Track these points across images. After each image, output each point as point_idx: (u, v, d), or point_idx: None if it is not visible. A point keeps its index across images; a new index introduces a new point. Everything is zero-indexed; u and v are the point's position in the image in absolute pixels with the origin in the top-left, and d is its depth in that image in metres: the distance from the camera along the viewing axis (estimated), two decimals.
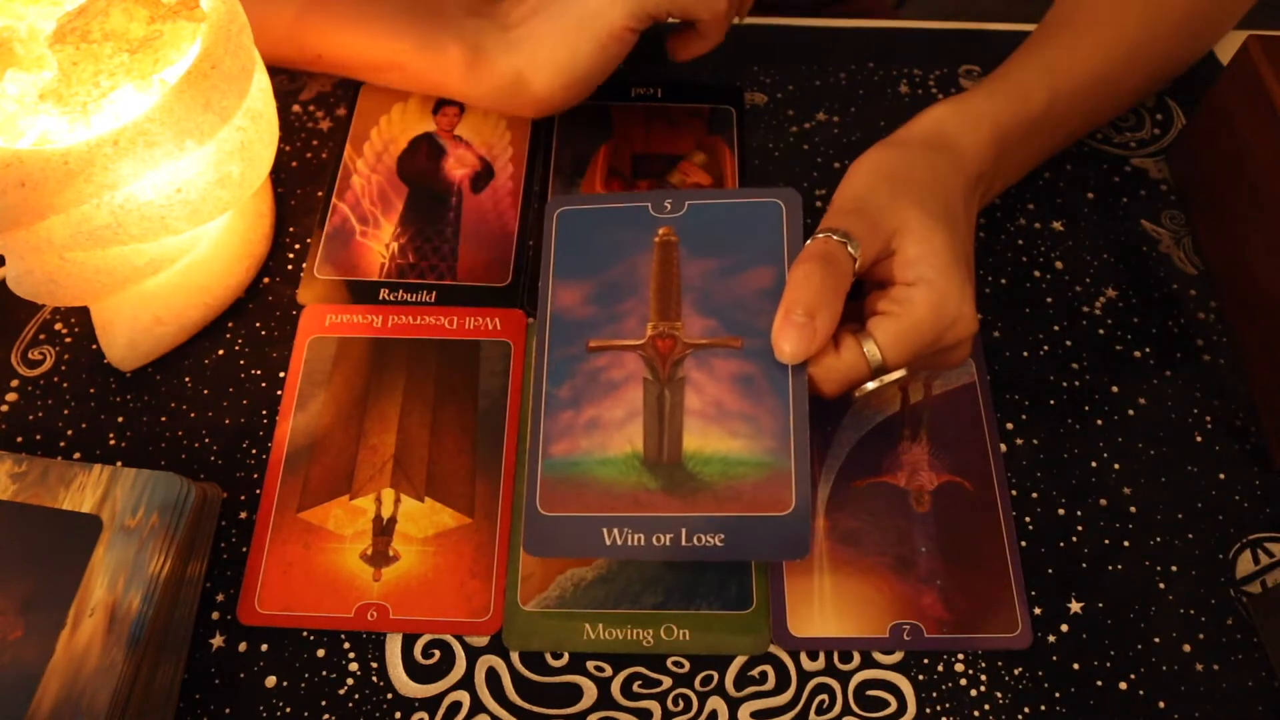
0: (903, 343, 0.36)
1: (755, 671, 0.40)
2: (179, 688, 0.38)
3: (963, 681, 0.39)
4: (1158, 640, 0.40)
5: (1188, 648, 0.40)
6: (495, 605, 0.40)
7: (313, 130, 0.53)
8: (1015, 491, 0.43)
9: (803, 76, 0.56)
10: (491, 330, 0.47)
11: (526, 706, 0.39)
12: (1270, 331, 0.45)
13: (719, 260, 0.40)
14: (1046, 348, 0.47)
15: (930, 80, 0.56)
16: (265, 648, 0.40)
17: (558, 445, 0.38)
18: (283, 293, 0.48)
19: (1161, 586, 0.41)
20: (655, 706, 0.39)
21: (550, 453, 0.37)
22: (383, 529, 0.42)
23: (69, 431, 0.44)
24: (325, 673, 0.39)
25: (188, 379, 0.46)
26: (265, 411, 0.45)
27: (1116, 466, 0.44)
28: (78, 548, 0.36)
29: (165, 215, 0.40)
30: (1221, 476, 0.44)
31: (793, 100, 0.55)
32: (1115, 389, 0.46)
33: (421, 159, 0.52)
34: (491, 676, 0.39)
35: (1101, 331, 0.48)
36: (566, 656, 0.40)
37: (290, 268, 0.49)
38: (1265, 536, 0.43)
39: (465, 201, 0.51)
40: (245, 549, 0.41)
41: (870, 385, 0.37)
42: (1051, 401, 0.46)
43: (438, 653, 0.40)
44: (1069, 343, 0.47)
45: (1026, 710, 0.39)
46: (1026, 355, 0.47)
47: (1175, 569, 0.42)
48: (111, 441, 0.44)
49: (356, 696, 0.39)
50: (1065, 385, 0.46)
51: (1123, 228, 0.51)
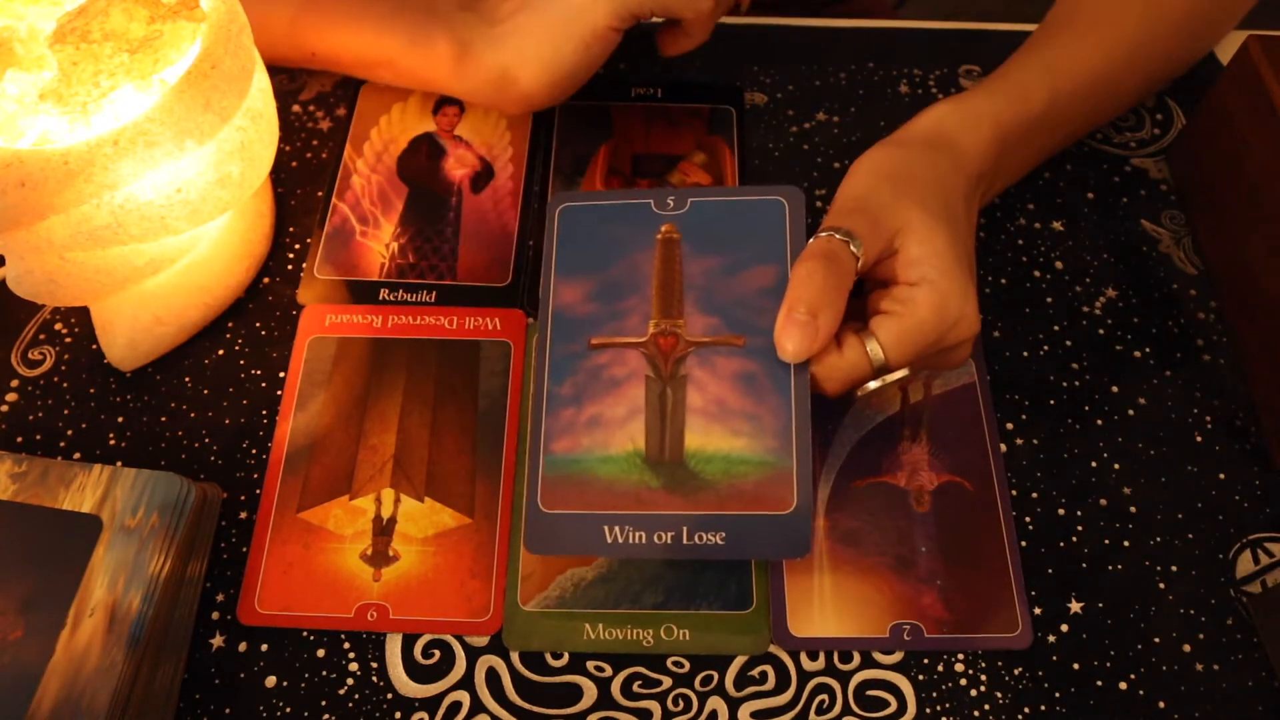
0: (905, 342, 0.36)
1: (755, 671, 0.40)
2: (179, 688, 0.38)
3: (963, 681, 0.39)
4: (1158, 640, 0.40)
5: (1188, 648, 0.40)
6: (495, 605, 0.40)
7: (313, 130, 0.53)
8: (1015, 491, 0.43)
9: (803, 76, 0.56)
10: (491, 330, 0.47)
11: (526, 706, 0.39)
12: (1270, 331, 0.45)
13: (721, 258, 0.39)
14: (1046, 348, 0.47)
15: (930, 80, 0.56)
16: (265, 648, 0.40)
17: (559, 442, 0.37)
18: (283, 293, 0.48)
19: (1161, 586, 0.41)
20: (655, 706, 0.39)
21: (552, 450, 0.37)
22: (383, 529, 0.42)
23: (69, 431, 0.44)
24: (325, 673, 0.39)
25: (188, 379, 0.46)
26: (265, 411, 0.45)
27: (1116, 466, 0.44)
28: (78, 548, 0.36)
29: (165, 215, 0.40)
30: (1221, 476, 0.44)
31: (793, 100, 0.55)
32: (1115, 389, 0.46)
33: (421, 159, 0.52)
34: (491, 676, 0.39)
35: (1101, 331, 0.48)
36: (566, 656, 0.40)
37: (290, 268, 0.49)
38: (1265, 536, 0.43)
39: (465, 201, 0.51)
40: (245, 549, 0.41)
41: (872, 384, 0.37)
42: (1051, 401, 0.46)
43: (438, 653, 0.40)
44: (1069, 343, 0.47)
45: (1026, 710, 0.39)
46: (1026, 355, 0.47)
47: (1175, 569, 0.42)
48: (111, 441, 0.44)
49: (356, 696, 0.39)
50: (1065, 385, 0.46)
51: (1123, 228, 0.51)
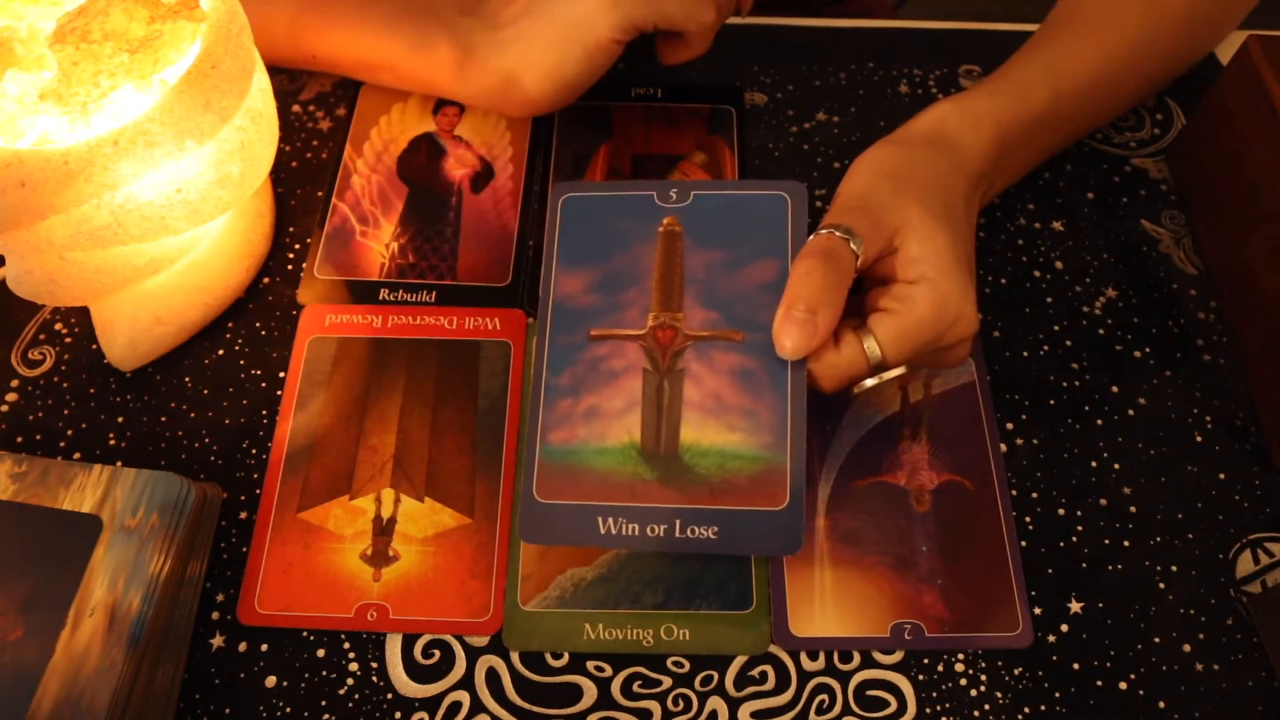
0: (903, 341, 0.36)
1: (755, 671, 0.40)
2: (179, 688, 0.38)
3: (963, 681, 0.39)
4: (1158, 640, 0.40)
5: (1188, 648, 0.40)
6: (495, 605, 0.40)
7: (313, 130, 0.53)
8: (1015, 491, 0.43)
9: (803, 76, 0.56)
10: (491, 330, 0.47)
11: (526, 706, 0.39)
12: (1270, 331, 0.44)
13: (723, 252, 0.39)
14: (1046, 348, 0.47)
15: (930, 80, 0.56)
16: (265, 648, 0.40)
17: (556, 433, 0.37)
18: (283, 293, 0.48)
19: (1161, 586, 0.41)
20: (655, 706, 0.39)
21: (548, 440, 0.37)
22: (383, 529, 0.42)
23: (69, 431, 0.44)
24: (325, 673, 0.39)
25: (188, 379, 0.46)
26: (265, 411, 0.45)
27: (1116, 466, 0.44)
28: (78, 548, 0.36)
29: (165, 215, 0.40)
30: (1221, 476, 0.44)
31: (793, 100, 0.55)
32: (1115, 389, 0.46)
33: (421, 159, 0.52)
34: (491, 676, 0.39)
35: (1101, 331, 0.48)
36: (566, 656, 0.40)
37: (290, 268, 0.49)
38: (1265, 536, 0.43)
39: (465, 201, 0.51)
40: (245, 549, 0.41)
41: (869, 382, 0.37)
42: (1051, 401, 0.46)
43: (438, 653, 0.40)
44: (1069, 343, 0.47)
45: (1026, 710, 0.39)
46: (1026, 355, 0.47)
47: (1175, 569, 0.42)
48: (111, 441, 0.44)
49: (356, 696, 0.39)
50: (1065, 385, 0.46)
51: (1123, 228, 0.51)
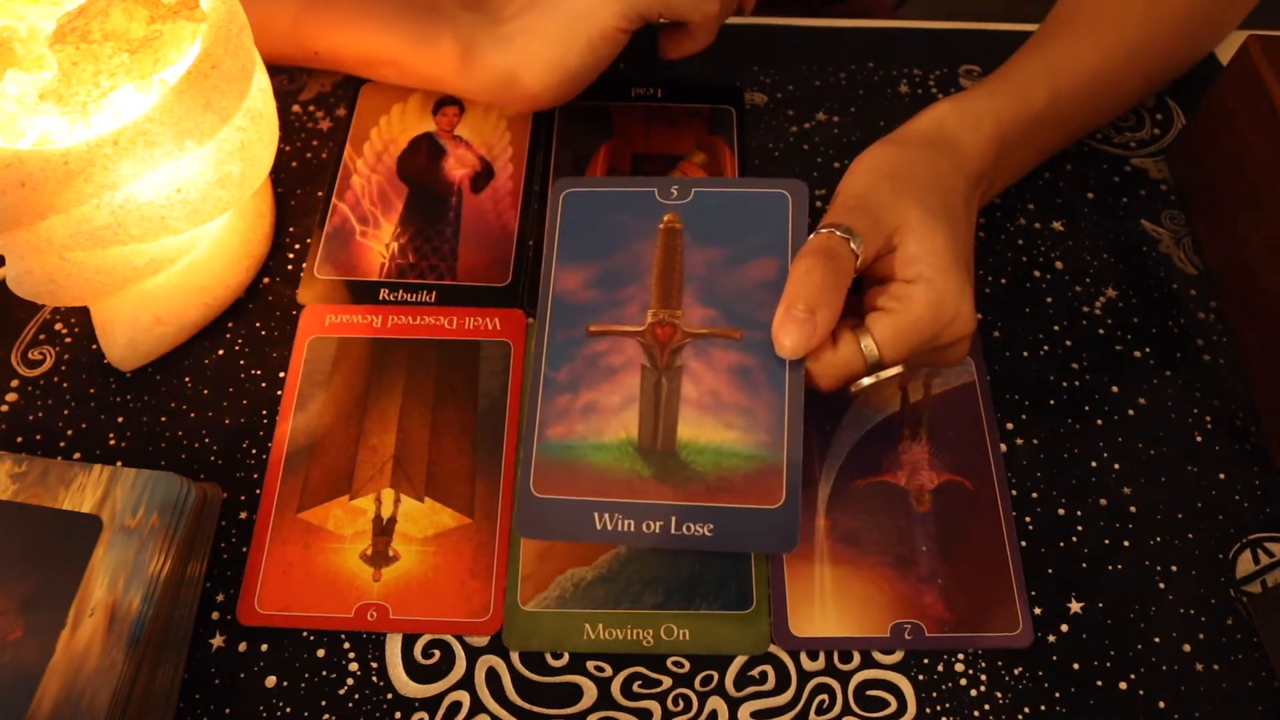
0: (900, 339, 0.36)
1: (755, 671, 0.40)
2: (179, 688, 0.38)
3: (963, 681, 0.39)
4: (1158, 640, 0.40)
5: (1188, 648, 0.40)
6: (495, 605, 0.40)
7: (313, 130, 0.53)
8: (1015, 491, 0.43)
9: (803, 76, 0.56)
10: (491, 330, 0.47)
11: (526, 706, 0.39)
12: (1270, 331, 0.44)
13: (723, 250, 0.39)
14: (1046, 348, 0.47)
15: (930, 80, 0.56)
16: (265, 648, 0.40)
17: (554, 428, 0.38)
18: (283, 293, 0.48)
19: (1161, 586, 0.41)
20: (655, 706, 0.39)
21: (546, 435, 0.37)
22: (382, 529, 0.42)
23: (69, 431, 0.44)
24: (325, 673, 0.39)
25: (188, 379, 0.46)
26: (265, 411, 0.45)
27: (1116, 466, 0.44)
28: (78, 548, 0.36)
29: (165, 215, 0.40)
30: (1221, 476, 0.44)
31: (793, 100, 0.55)
32: (1115, 389, 0.46)
33: (421, 159, 0.52)
34: (491, 676, 0.39)
35: (1101, 331, 0.48)
36: (566, 656, 0.40)
37: (290, 268, 0.49)
38: (1265, 536, 0.43)
39: (465, 201, 0.51)
40: (245, 549, 0.41)
41: (866, 381, 0.37)
42: (1051, 401, 0.46)
43: (438, 653, 0.40)
44: (1069, 343, 0.47)
45: (1026, 710, 0.39)
46: (1026, 355, 0.47)
47: (1175, 569, 0.42)
48: (111, 441, 0.44)
49: (356, 696, 0.39)
50: (1065, 385, 0.46)
51: (1123, 228, 0.51)
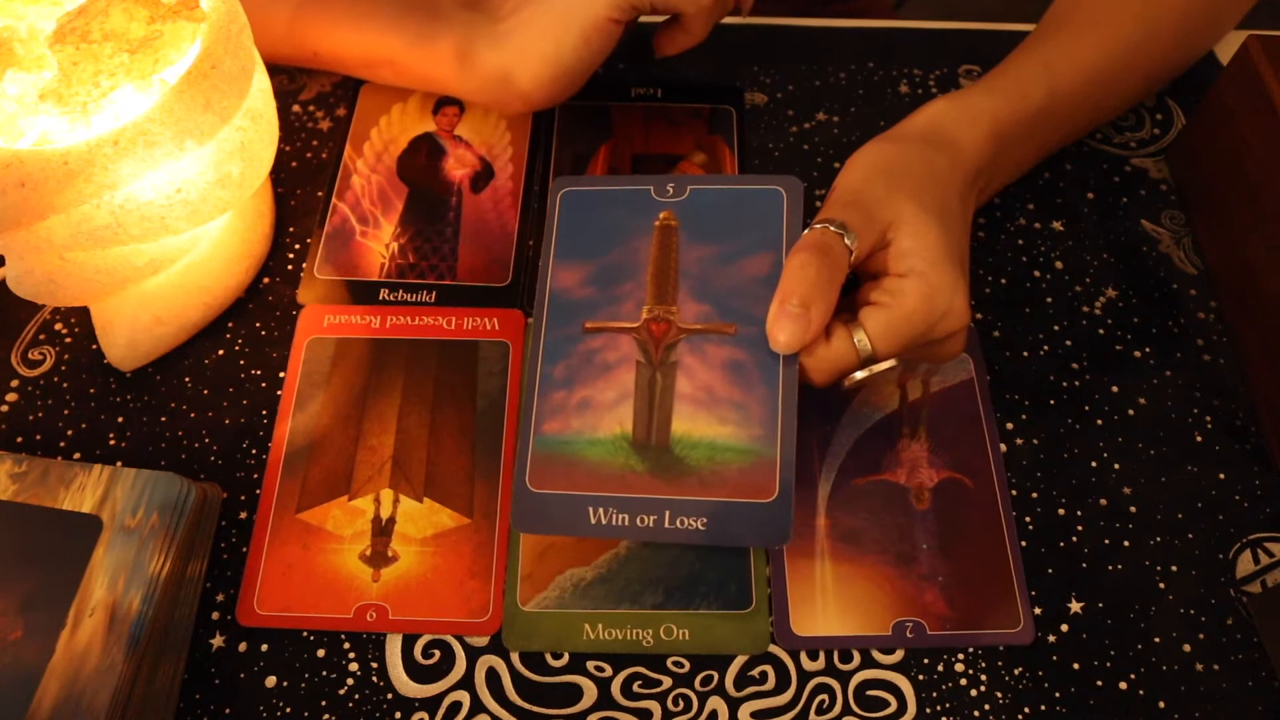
0: (892, 333, 0.36)
1: (755, 671, 0.39)
2: (179, 688, 0.38)
3: (963, 681, 0.39)
4: (1158, 640, 0.40)
5: (1188, 648, 0.40)
6: (494, 605, 0.40)
7: (313, 130, 0.53)
8: (1015, 491, 0.43)
9: (803, 76, 0.56)
10: (490, 330, 0.47)
11: (526, 706, 0.39)
12: (1270, 331, 0.44)
13: (718, 246, 0.40)
14: (1046, 348, 0.47)
15: (930, 80, 0.56)
16: (265, 648, 0.40)
17: (550, 424, 0.38)
18: (283, 293, 0.48)
19: (1161, 586, 0.41)
20: (655, 706, 0.39)
21: (542, 430, 0.38)
22: (381, 529, 0.42)
23: (69, 431, 0.44)
24: (325, 673, 0.39)
25: (188, 379, 0.46)
26: (265, 411, 0.45)
27: (1116, 466, 0.44)
28: (78, 548, 0.36)
29: (165, 215, 0.40)
30: (1221, 476, 0.44)
31: (793, 100, 0.55)
32: (1115, 389, 0.46)
33: (421, 159, 0.52)
34: (491, 676, 0.39)
35: (1101, 331, 0.48)
36: (566, 656, 0.40)
37: (290, 268, 0.49)
38: (1265, 536, 0.43)
39: (465, 201, 0.51)
40: (245, 549, 0.41)
41: (860, 375, 0.37)
42: (1051, 401, 0.46)
43: (438, 653, 0.40)
44: (1069, 343, 0.47)
45: (1027, 710, 0.39)
46: (1026, 355, 0.47)
47: (1175, 569, 0.42)
48: (111, 441, 0.44)
49: (356, 696, 0.39)
50: (1065, 385, 0.46)
51: (1123, 228, 0.51)
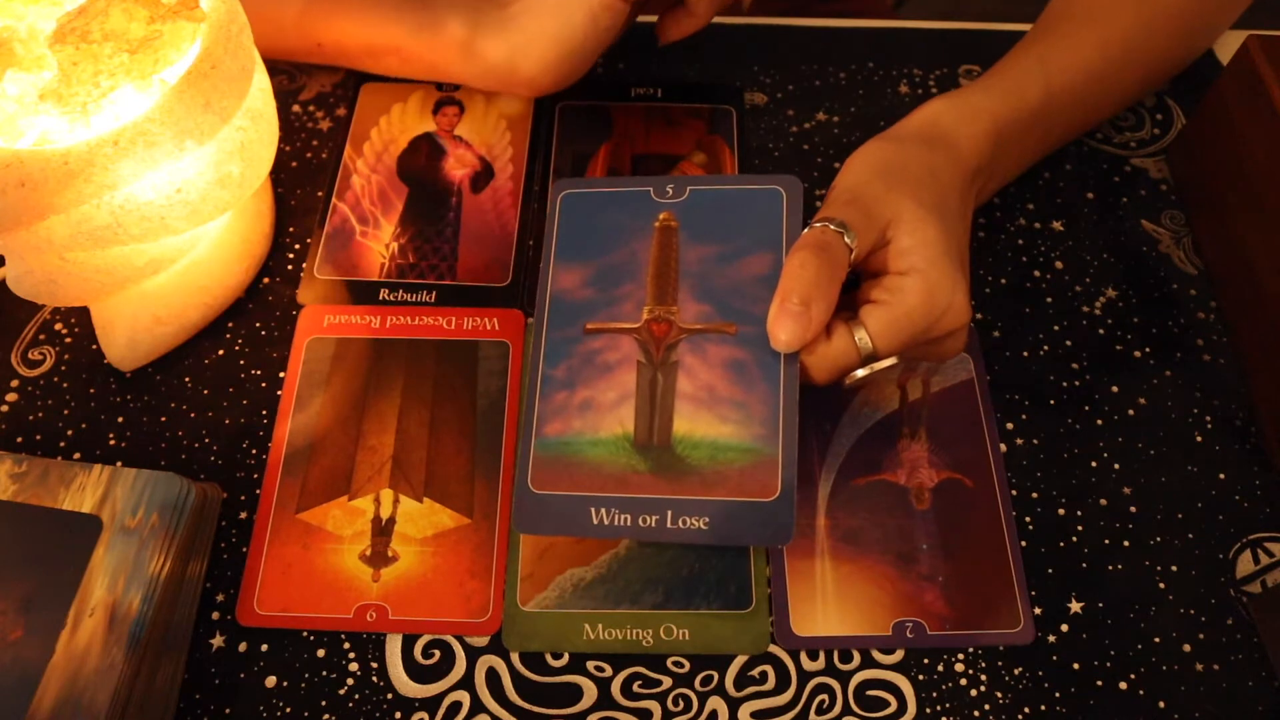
0: (893, 331, 0.36)
1: (755, 671, 0.39)
2: (179, 688, 0.38)
3: (963, 681, 0.39)
4: (1158, 640, 0.40)
5: (1188, 648, 0.40)
6: (494, 605, 0.40)
7: (313, 130, 0.53)
8: (1015, 491, 0.43)
9: (803, 76, 0.56)
10: (490, 330, 0.47)
11: (526, 706, 0.39)
12: (1270, 331, 0.44)
13: (718, 246, 0.40)
14: (1046, 348, 0.47)
15: (930, 80, 0.56)
16: (265, 648, 0.40)
17: (551, 425, 0.38)
18: (283, 293, 0.48)
19: (1161, 586, 0.41)
20: (655, 706, 0.39)
21: (544, 432, 0.38)
22: (381, 529, 0.42)
23: (69, 431, 0.44)
24: (325, 673, 0.39)
25: (188, 379, 0.46)
26: (265, 412, 0.45)
27: (1116, 466, 0.44)
28: (78, 548, 0.36)
29: (165, 215, 0.40)
30: (1221, 476, 0.44)
31: (793, 100, 0.55)
32: (1115, 389, 0.46)
33: (421, 159, 0.52)
34: (491, 676, 0.39)
35: (1101, 331, 0.48)
36: (566, 656, 0.40)
37: (290, 268, 0.49)
38: (1265, 536, 0.43)
39: (465, 201, 0.51)
40: (245, 549, 0.41)
41: (860, 373, 0.37)
42: (1051, 401, 0.46)
43: (438, 653, 0.40)
44: (1069, 343, 0.47)
45: (1027, 710, 0.39)
46: (1026, 355, 0.47)
47: (1175, 569, 0.42)
48: (111, 441, 0.44)
49: (356, 696, 0.39)
50: (1065, 385, 0.46)
51: (1123, 228, 0.51)
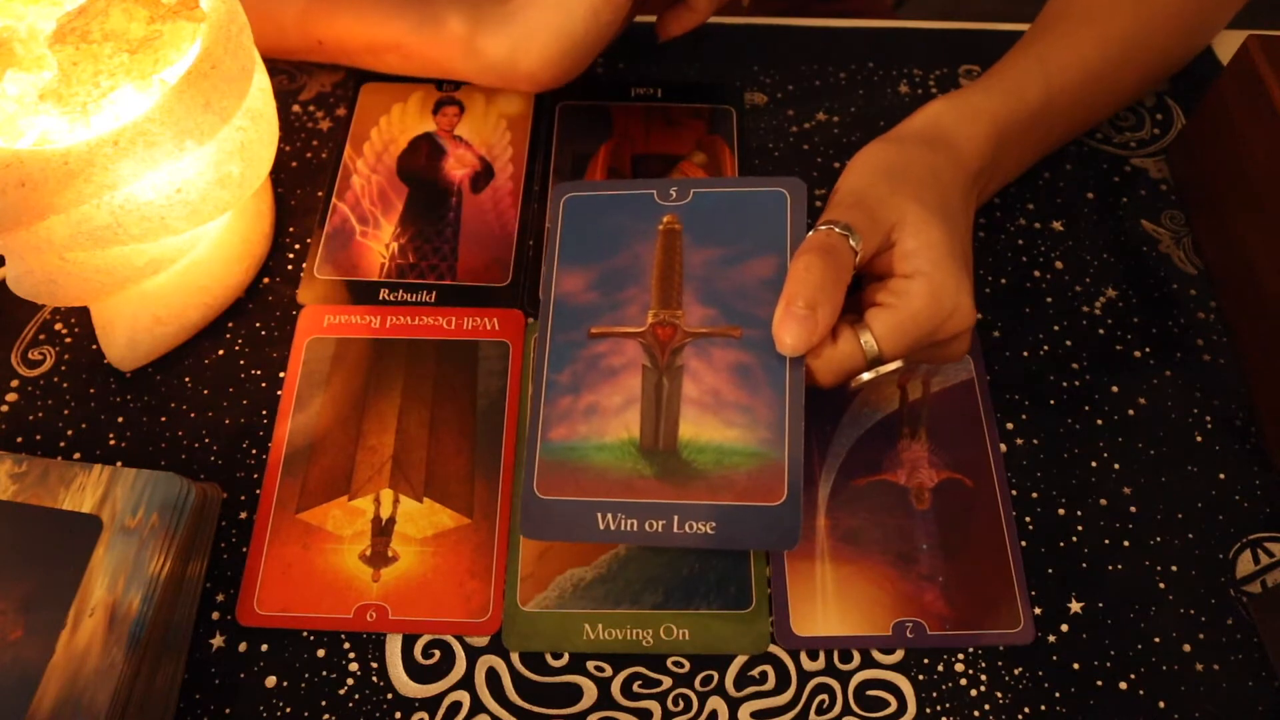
0: (899, 334, 0.36)
1: (755, 671, 0.39)
2: (179, 688, 0.38)
3: (963, 681, 0.39)
4: (1158, 640, 0.40)
5: (1188, 648, 0.40)
6: (494, 605, 0.40)
7: (313, 130, 0.53)
8: (1015, 491, 0.43)
9: (803, 76, 0.56)
10: (490, 330, 0.47)
11: (526, 706, 0.39)
12: (1270, 331, 0.44)
13: (722, 249, 0.40)
14: (1046, 348, 0.47)
15: (930, 80, 0.56)
16: (265, 648, 0.40)
17: (556, 430, 0.38)
18: (283, 293, 0.48)
19: (1161, 586, 0.41)
20: (655, 706, 0.39)
21: (549, 437, 0.38)
22: (381, 529, 0.42)
23: (69, 431, 0.44)
24: (325, 673, 0.39)
25: (188, 379, 0.46)
26: (265, 412, 0.45)
27: (1116, 466, 0.44)
28: (78, 548, 0.36)
29: (165, 215, 0.40)
30: (1221, 476, 0.44)
31: (793, 100, 0.55)
32: (1115, 389, 0.46)
33: (421, 159, 0.52)
34: (491, 676, 0.39)
35: (1101, 331, 0.48)
36: (566, 656, 0.40)
37: (290, 268, 0.49)
38: (1265, 536, 0.43)
39: (465, 201, 0.51)
40: (245, 549, 0.41)
41: (866, 376, 0.37)
42: (1051, 401, 0.46)
43: (438, 653, 0.40)
44: (1069, 343, 0.47)
45: (1027, 710, 0.39)
46: (1026, 355, 0.47)
47: (1175, 569, 0.42)
48: (111, 441, 0.44)
49: (356, 696, 0.39)
50: (1065, 385, 0.46)
51: (1123, 228, 0.51)
